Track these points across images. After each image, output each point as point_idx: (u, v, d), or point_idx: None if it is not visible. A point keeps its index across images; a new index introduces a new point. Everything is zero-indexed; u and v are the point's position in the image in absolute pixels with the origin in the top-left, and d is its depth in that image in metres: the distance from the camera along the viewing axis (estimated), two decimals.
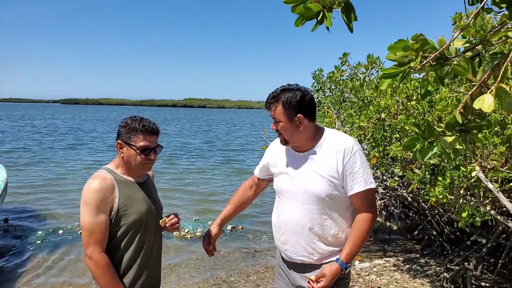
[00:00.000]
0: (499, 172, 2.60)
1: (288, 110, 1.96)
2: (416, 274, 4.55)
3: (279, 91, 2.00)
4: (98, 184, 1.89)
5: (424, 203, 5.04)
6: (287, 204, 2.09)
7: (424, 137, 0.95)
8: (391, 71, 0.80)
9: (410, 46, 0.76)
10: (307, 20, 0.75)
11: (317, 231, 2.00)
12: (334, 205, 2.00)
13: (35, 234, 6.30)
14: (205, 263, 5.33)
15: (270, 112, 2.01)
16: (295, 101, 1.96)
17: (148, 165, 2.06)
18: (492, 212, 2.86)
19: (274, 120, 2.02)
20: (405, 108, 3.90)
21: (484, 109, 0.77)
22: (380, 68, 5.93)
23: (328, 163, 1.98)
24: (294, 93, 1.97)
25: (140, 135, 1.98)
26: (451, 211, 3.45)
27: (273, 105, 1.99)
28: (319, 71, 6.79)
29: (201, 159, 15.90)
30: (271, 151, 2.29)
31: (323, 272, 1.94)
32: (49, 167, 12.47)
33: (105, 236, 1.89)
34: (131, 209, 1.96)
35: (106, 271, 1.87)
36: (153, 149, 2.03)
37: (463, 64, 0.80)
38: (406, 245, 5.83)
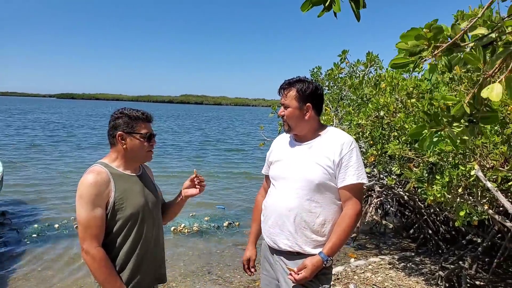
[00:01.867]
0: (499, 172, 2.59)
1: (299, 97, 2.07)
2: (411, 272, 4.56)
3: (295, 80, 2.11)
4: (93, 178, 1.87)
5: (420, 202, 5.05)
6: (279, 189, 2.14)
7: (431, 126, 0.93)
8: (401, 60, 0.78)
9: (423, 34, 0.74)
10: (315, 5, 0.74)
11: (304, 216, 2.03)
12: (325, 194, 2.04)
13: (31, 228, 6.27)
14: (201, 258, 5.32)
15: (281, 98, 2.11)
16: (308, 91, 2.07)
17: (151, 153, 2.10)
18: (490, 211, 2.85)
19: (283, 106, 2.10)
20: (404, 106, 3.89)
21: (492, 98, 0.75)
22: (378, 66, 5.92)
23: (326, 153, 2.04)
24: (309, 84, 2.09)
25: (142, 123, 2.03)
26: (448, 210, 3.45)
27: (287, 90, 2.09)
28: (317, 68, 6.77)
29: (197, 153, 15.87)
30: (273, 147, 2.34)
31: (304, 263, 1.98)
32: (43, 161, 12.40)
33: (101, 230, 1.87)
34: (127, 202, 1.94)
35: (103, 265, 1.84)
36: (154, 136, 2.09)
37: (475, 54, 0.78)
38: (401, 243, 5.84)
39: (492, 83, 0.76)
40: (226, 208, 7.92)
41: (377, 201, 5.81)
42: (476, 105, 0.84)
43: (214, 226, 6.63)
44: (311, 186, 2.02)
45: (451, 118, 0.83)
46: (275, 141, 2.37)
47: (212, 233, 6.39)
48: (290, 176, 2.09)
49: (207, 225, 6.65)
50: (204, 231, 6.43)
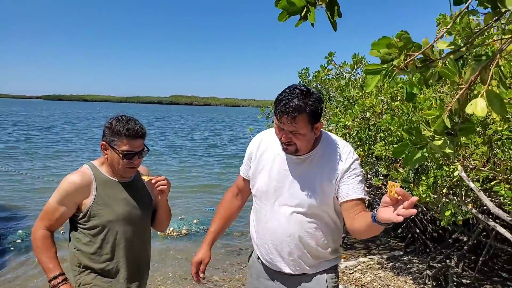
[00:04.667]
0: (481, 172, 2.63)
1: (312, 120, 1.70)
2: (399, 272, 4.60)
3: (303, 99, 1.66)
4: (75, 179, 1.92)
5: None
6: (273, 209, 1.87)
7: (414, 143, 0.94)
8: (374, 67, 0.80)
9: (393, 43, 0.75)
10: (291, 15, 0.74)
11: (306, 239, 1.83)
12: (326, 211, 1.84)
13: (15, 233, 6.17)
14: (190, 261, 5.29)
15: (286, 124, 1.68)
16: (320, 109, 1.71)
17: (132, 170, 2.00)
18: (474, 211, 2.90)
19: (290, 132, 1.71)
20: (390, 107, 3.93)
21: (477, 113, 0.76)
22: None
23: (329, 167, 1.80)
24: (317, 99, 1.70)
25: (124, 139, 1.91)
26: (434, 209, 3.49)
27: (298, 117, 1.66)
28: (305, 70, 6.80)
29: (185, 157, 15.81)
30: (256, 147, 1.99)
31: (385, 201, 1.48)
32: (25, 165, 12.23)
33: (56, 221, 1.93)
34: (106, 209, 1.94)
35: (41, 244, 1.92)
36: (137, 154, 1.96)
37: (450, 67, 0.79)
38: (390, 243, 5.89)
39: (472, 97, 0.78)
40: (215, 209, 7.90)
41: (366, 201, 5.84)
42: (454, 117, 0.86)
43: (203, 229, 6.61)
44: (311, 209, 1.80)
45: (433, 133, 0.84)
46: (261, 143, 1.98)
47: (201, 236, 6.36)
48: (288, 196, 1.82)
49: (196, 228, 6.63)
50: (193, 234, 6.40)
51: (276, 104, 1.70)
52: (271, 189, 1.86)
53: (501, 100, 0.84)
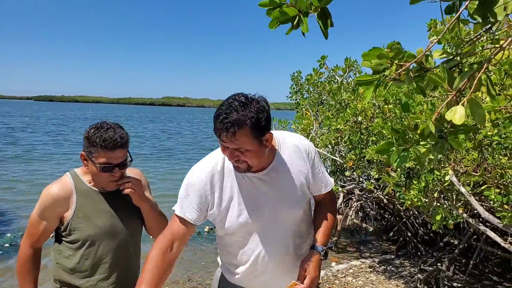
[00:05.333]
0: (471, 176, 2.65)
1: (257, 133, 1.46)
2: (391, 275, 4.62)
3: (242, 111, 1.42)
4: (53, 191, 1.82)
5: (399, 205, 5.13)
6: (258, 239, 1.67)
7: (399, 144, 0.94)
8: (366, 78, 0.79)
9: (384, 54, 0.75)
10: (282, 24, 0.73)
11: (298, 251, 1.75)
12: (307, 216, 1.80)
13: (3, 237, 6.09)
14: (181, 265, 5.25)
15: (229, 143, 1.45)
16: (264, 119, 1.47)
17: (112, 184, 1.82)
18: (464, 215, 2.91)
19: (235, 149, 1.48)
20: (382, 111, 3.95)
21: (455, 121, 0.76)
22: (357, 71, 6.00)
23: (299, 167, 1.69)
24: (259, 109, 1.46)
25: (101, 151, 1.73)
26: (425, 213, 3.51)
27: (238, 133, 1.42)
28: (297, 73, 6.82)
29: (178, 159, 15.74)
30: (209, 180, 1.63)
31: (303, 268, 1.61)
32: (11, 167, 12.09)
33: (40, 236, 1.87)
34: (86, 223, 1.82)
35: (22, 264, 1.87)
36: (117, 166, 1.78)
37: (439, 74, 0.79)
38: (382, 246, 5.91)
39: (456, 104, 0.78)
40: None
41: (357, 204, 5.87)
42: (443, 122, 0.86)
43: (194, 232, 6.58)
44: (296, 218, 1.71)
45: (418, 136, 0.84)
46: (214, 173, 1.63)
47: (193, 239, 6.33)
48: (272, 218, 1.65)
49: None
50: None
51: (214, 120, 1.47)
52: (253, 218, 1.63)
53: (482, 109, 0.85)
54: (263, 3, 0.70)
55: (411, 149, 0.92)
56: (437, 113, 0.83)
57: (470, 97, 0.80)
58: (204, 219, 1.66)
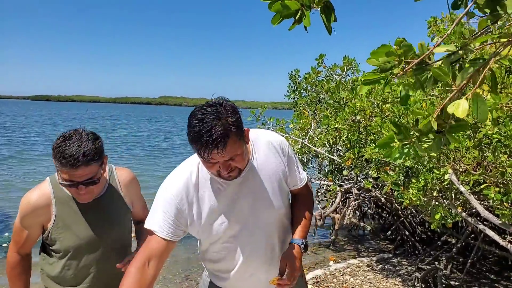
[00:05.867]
0: (471, 175, 2.64)
1: (240, 134, 1.45)
2: (389, 274, 4.61)
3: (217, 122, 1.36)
4: (31, 200, 1.71)
5: (397, 203, 5.12)
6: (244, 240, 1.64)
7: (399, 139, 0.92)
8: (372, 76, 0.77)
9: (393, 51, 0.73)
10: (285, 18, 0.72)
11: (285, 246, 1.73)
12: (288, 209, 1.77)
13: (2, 237, 6.05)
14: (179, 265, 5.23)
15: (221, 157, 1.40)
16: (239, 118, 1.46)
17: (80, 198, 1.69)
18: (464, 214, 2.91)
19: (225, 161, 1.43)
20: (380, 110, 3.94)
21: (457, 114, 0.75)
22: (355, 70, 5.99)
23: (275, 162, 1.67)
24: (232, 111, 1.44)
25: (62, 168, 1.57)
26: (424, 212, 3.50)
27: (229, 143, 1.38)
28: (295, 71, 6.79)
29: (173, 158, 15.70)
30: (181, 200, 1.54)
31: (283, 262, 1.59)
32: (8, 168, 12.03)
33: (24, 243, 1.80)
34: (67, 232, 1.75)
35: (11, 270, 1.83)
36: (82, 183, 1.62)
37: (443, 69, 0.78)
38: (379, 245, 5.91)
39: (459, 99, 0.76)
40: None
41: (355, 203, 5.86)
42: (443, 118, 0.84)
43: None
44: (278, 214, 1.69)
45: (419, 133, 0.83)
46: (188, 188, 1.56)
47: (190, 238, 6.28)
48: (253, 219, 1.62)
49: None
50: None
51: (195, 143, 1.38)
52: (235, 227, 1.60)
53: (485, 105, 0.83)
54: None
55: (412, 145, 0.90)
56: (439, 109, 0.81)
57: (475, 91, 0.78)
58: (183, 234, 1.58)
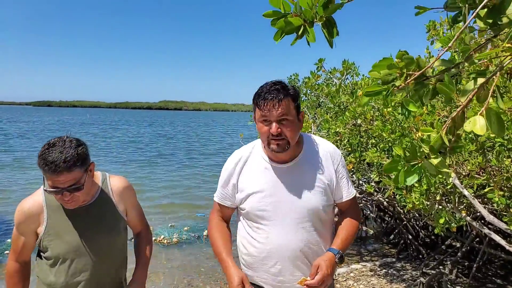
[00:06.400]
0: (475, 179, 2.62)
1: (296, 106, 1.71)
2: (392, 279, 4.58)
3: (281, 88, 1.67)
4: (24, 208, 1.79)
5: (399, 207, 5.09)
6: (274, 227, 1.75)
7: (407, 160, 0.90)
8: (374, 89, 0.76)
9: (395, 64, 0.72)
10: (287, 34, 0.70)
11: (317, 249, 1.78)
12: (327, 217, 1.81)
13: (3, 244, 6.04)
14: (181, 270, 5.21)
15: (272, 110, 1.64)
16: (298, 96, 1.74)
17: (65, 204, 1.72)
18: (468, 218, 2.88)
19: (279, 120, 1.66)
20: (381, 114, 3.92)
21: (476, 132, 0.73)
22: (355, 73, 5.97)
23: (323, 169, 1.78)
24: (295, 89, 1.74)
25: (46, 174, 1.63)
26: (427, 216, 3.48)
27: (283, 100, 1.65)
28: (294, 75, 6.78)
29: (174, 162, 15.68)
30: (237, 168, 1.85)
31: (316, 264, 1.67)
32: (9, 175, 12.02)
33: (21, 250, 1.86)
34: (57, 240, 1.78)
35: (8, 280, 1.87)
36: (66, 189, 1.65)
37: (448, 85, 0.76)
38: (382, 249, 5.87)
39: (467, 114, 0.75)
40: (205, 215, 7.82)
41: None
42: (449, 135, 0.83)
43: (194, 236, 6.53)
44: (315, 215, 1.76)
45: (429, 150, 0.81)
46: (238, 164, 1.85)
47: (192, 243, 6.29)
48: (288, 209, 1.74)
49: (187, 235, 6.54)
50: (183, 241, 6.32)
51: (257, 97, 1.69)
52: (270, 207, 1.75)
53: (499, 118, 0.82)
54: (267, 13, 0.67)
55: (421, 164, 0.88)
56: (446, 126, 0.80)
57: (487, 107, 0.77)
58: (230, 202, 1.89)
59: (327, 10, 0.65)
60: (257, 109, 1.71)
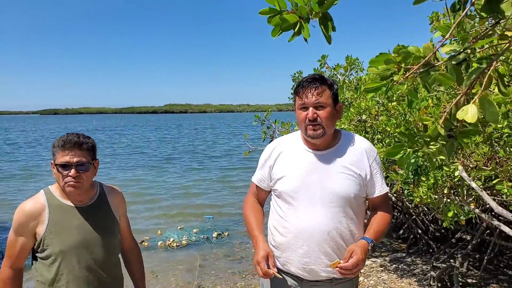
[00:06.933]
0: (482, 171, 2.60)
1: (334, 95, 1.84)
2: (403, 274, 4.56)
3: (320, 76, 1.86)
4: (26, 207, 1.86)
5: (408, 202, 5.07)
6: (305, 209, 1.83)
7: (409, 146, 0.91)
8: (373, 85, 0.76)
9: (392, 59, 0.72)
10: (284, 31, 0.71)
11: (345, 236, 1.83)
12: (357, 207, 1.88)
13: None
14: (191, 272, 5.23)
15: (310, 96, 1.79)
16: (337, 89, 1.87)
17: (70, 184, 1.82)
18: (477, 210, 2.86)
19: (315, 106, 1.79)
20: (386, 109, 3.90)
21: (467, 120, 0.74)
22: (359, 69, 5.95)
23: (353, 161, 1.86)
24: (333, 81, 1.87)
25: (59, 150, 1.82)
26: (435, 210, 3.46)
27: (321, 87, 1.80)
28: (298, 73, 6.77)
29: (182, 165, 15.73)
30: (275, 151, 1.99)
31: (350, 249, 1.73)
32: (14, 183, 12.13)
33: (18, 254, 1.88)
34: (59, 237, 1.84)
35: (4, 286, 1.88)
36: (73, 165, 1.80)
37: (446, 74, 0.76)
38: (392, 244, 5.84)
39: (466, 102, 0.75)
40: (214, 218, 7.83)
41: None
42: (453, 121, 0.83)
43: (203, 237, 6.55)
44: (345, 201, 1.82)
45: (428, 138, 0.81)
46: (276, 148, 1.99)
47: (202, 245, 6.31)
48: (320, 192, 1.82)
49: (196, 237, 6.56)
50: (193, 243, 6.34)
51: (296, 87, 1.85)
52: (302, 189, 1.84)
53: (494, 107, 0.82)
54: (263, 11, 0.67)
55: (421, 151, 0.88)
56: (445, 114, 0.80)
57: (481, 95, 0.77)
58: (268, 185, 2.00)
59: (322, 6, 0.66)
60: (296, 98, 1.86)
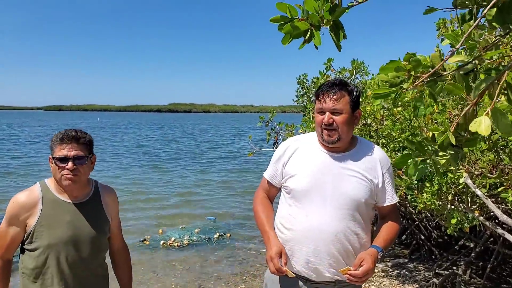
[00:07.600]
0: (487, 178, 2.58)
1: (353, 102, 1.81)
2: (405, 280, 4.54)
3: (342, 82, 1.84)
4: (20, 198, 1.88)
5: (411, 207, 5.04)
6: (315, 208, 1.83)
7: (416, 155, 0.91)
8: (382, 91, 0.76)
9: (402, 66, 0.72)
10: (295, 38, 0.70)
11: (352, 240, 1.83)
12: (366, 213, 1.88)
13: None
14: (192, 272, 5.23)
15: (328, 101, 1.79)
16: (357, 95, 1.85)
17: (67, 177, 1.85)
18: (481, 218, 2.84)
19: (332, 111, 1.79)
20: (391, 113, 3.89)
21: (481, 133, 0.73)
22: (364, 72, 5.93)
23: (371, 168, 1.86)
24: (356, 88, 1.86)
25: (57, 144, 1.87)
26: (439, 217, 3.44)
27: (340, 93, 1.79)
28: (303, 76, 6.76)
29: (184, 166, 15.75)
30: (290, 148, 1.98)
31: (360, 257, 1.75)
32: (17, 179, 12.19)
33: (8, 245, 1.90)
34: (48, 231, 1.86)
35: None
36: (70, 159, 1.84)
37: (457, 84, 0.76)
38: (394, 250, 5.81)
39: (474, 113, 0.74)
40: (216, 219, 7.83)
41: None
42: (460, 131, 0.82)
43: (204, 238, 6.55)
44: (356, 205, 1.82)
45: (437, 147, 0.81)
46: (291, 146, 1.98)
47: (203, 245, 6.30)
48: (331, 193, 1.82)
49: (198, 238, 6.56)
50: (194, 244, 6.34)
51: (318, 88, 1.86)
52: (314, 188, 1.84)
53: (506, 118, 0.81)
54: (274, 18, 0.67)
55: (429, 160, 0.88)
56: (455, 123, 0.79)
57: (493, 106, 0.76)
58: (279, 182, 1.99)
59: (333, 14, 0.66)
60: (316, 101, 1.87)
